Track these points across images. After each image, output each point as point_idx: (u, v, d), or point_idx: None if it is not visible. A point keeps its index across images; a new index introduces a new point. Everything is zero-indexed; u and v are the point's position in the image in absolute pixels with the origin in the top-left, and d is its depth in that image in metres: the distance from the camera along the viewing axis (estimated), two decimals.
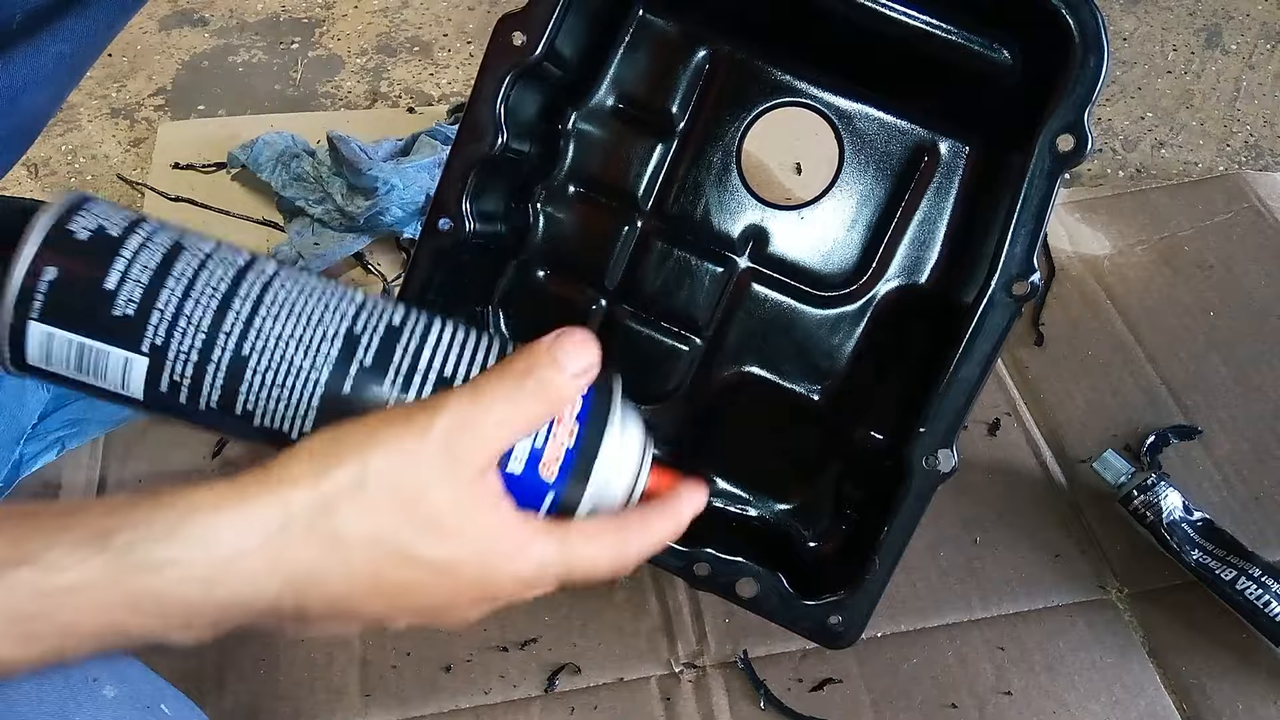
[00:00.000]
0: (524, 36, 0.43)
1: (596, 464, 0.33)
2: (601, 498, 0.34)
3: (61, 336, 0.31)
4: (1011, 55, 0.45)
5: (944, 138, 0.49)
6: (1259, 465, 0.66)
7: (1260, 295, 0.75)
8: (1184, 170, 0.90)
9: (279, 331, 0.31)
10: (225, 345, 0.31)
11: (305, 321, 0.31)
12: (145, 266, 0.31)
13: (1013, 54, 0.45)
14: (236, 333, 0.31)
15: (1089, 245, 0.79)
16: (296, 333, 0.31)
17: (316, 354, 0.31)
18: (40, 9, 0.47)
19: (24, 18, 0.46)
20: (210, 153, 0.83)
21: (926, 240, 0.50)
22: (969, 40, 0.45)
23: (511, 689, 0.57)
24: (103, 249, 0.31)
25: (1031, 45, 0.44)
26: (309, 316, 0.32)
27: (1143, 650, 0.59)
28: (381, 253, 0.77)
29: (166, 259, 0.31)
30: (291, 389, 0.31)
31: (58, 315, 0.30)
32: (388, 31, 1.00)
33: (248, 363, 0.31)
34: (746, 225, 0.52)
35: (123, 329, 0.31)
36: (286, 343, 0.31)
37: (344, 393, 0.31)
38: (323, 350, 0.31)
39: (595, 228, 0.52)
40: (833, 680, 0.57)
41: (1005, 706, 0.57)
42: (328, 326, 0.32)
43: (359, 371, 0.32)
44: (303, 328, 0.31)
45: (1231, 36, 1.02)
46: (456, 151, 0.45)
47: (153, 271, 0.31)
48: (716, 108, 0.51)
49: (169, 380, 0.31)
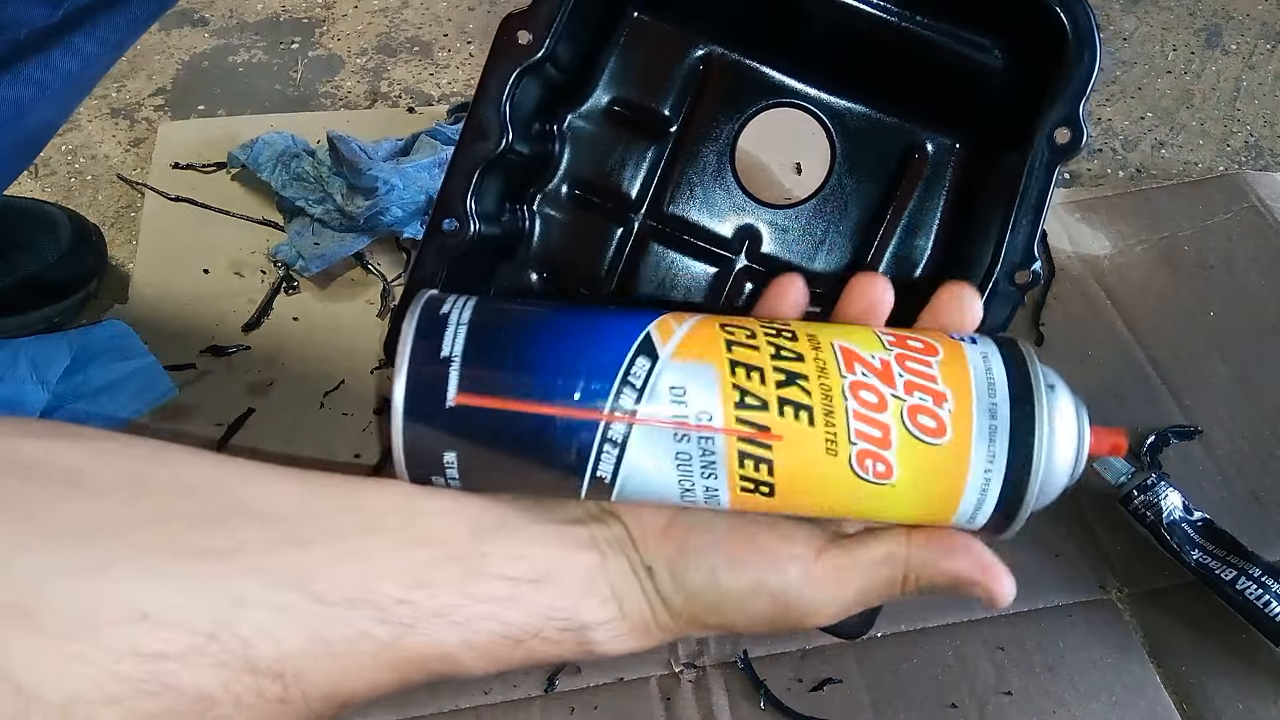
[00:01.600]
0: (529, 35, 0.43)
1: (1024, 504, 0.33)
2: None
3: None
4: (1001, 54, 0.45)
5: (933, 135, 0.50)
6: (1259, 465, 0.66)
7: (1260, 295, 0.75)
8: (1184, 170, 0.90)
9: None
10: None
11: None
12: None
13: (1002, 52, 0.45)
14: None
15: (1089, 245, 0.79)
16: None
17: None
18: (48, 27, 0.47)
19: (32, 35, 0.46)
20: (210, 152, 0.83)
21: (918, 235, 0.51)
22: (958, 40, 0.46)
23: (512, 689, 0.57)
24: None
25: (1022, 43, 0.44)
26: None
27: (1143, 650, 0.59)
28: (381, 253, 0.77)
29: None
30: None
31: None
32: (388, 31, 1.00)
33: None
34: (742, 225, 0.52)
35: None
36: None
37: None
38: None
39: (591, 229, 0.52)
40: (832, 680, 0.57)
41: (1005, 706, 0.57)
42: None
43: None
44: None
45: (1231, 36, 1.02)
46: (462, 151, 0.45)
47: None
48: (710, 108, 0.51)
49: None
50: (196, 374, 0.70)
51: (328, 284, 0.76)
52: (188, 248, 0.77)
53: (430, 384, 0.33)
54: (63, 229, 0.73)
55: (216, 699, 0.27)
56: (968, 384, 0.33)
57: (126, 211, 0.83)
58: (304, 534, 0.30)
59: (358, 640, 0.30)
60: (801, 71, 0.50)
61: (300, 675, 0.29)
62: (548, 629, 0.33)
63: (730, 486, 0.33)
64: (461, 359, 0.33)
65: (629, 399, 0.32)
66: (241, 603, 0.28)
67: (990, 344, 0.35)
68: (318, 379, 0.70)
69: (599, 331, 0.34)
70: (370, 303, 0.75)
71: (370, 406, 0.69)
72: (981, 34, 0.45)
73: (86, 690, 0.25)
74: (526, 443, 0.33)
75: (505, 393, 0.32)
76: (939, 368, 0.33)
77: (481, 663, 0.33)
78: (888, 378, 0.33)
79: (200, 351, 0.71)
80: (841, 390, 0.32)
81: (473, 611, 0.32)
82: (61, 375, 0.65)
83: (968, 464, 0.32)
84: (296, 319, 0.74)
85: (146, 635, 0.26)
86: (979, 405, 0.32)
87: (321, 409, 0.69)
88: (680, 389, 0.32)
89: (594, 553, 0.35)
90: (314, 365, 0.71)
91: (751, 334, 0.34)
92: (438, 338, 0.33)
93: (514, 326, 0.34)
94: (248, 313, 0.74)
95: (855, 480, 0.32)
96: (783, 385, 0.32)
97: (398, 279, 0.76)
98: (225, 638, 0.28)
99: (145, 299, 0.74)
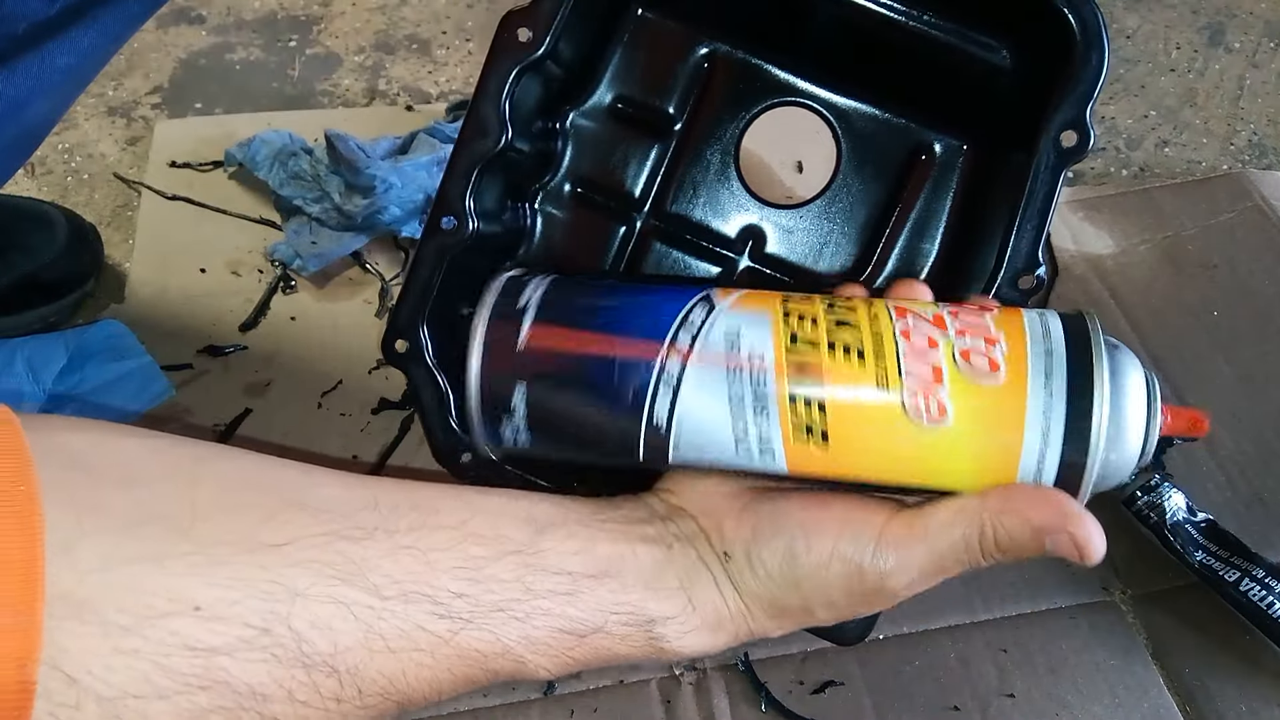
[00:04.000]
0: (530, 33, 0.43)
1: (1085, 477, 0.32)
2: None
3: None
4: (1009, 54, 0.45)
5: (940, 136, 0.49)
6: (1263, 466, 0.66)
7: (1264, 294, 0.75)
8: (1187, 169, 0.89)
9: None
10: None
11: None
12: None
13: (1010, 52, 0.45)
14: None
15: (1092, 244, 0.79)
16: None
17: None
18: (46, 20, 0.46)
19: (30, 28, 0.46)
20: (207, 151, 0.83)
21: (923, 237, 0.50)
22: (965, 40, 0.45)
23: (510, 691, 0.56)
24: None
25: (1030, 44, 0.44)
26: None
27: (1146, 652, 0.59)
28: (380, 252, 0.77)
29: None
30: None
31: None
32: (386, 29, 1.00)
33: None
34: (745, 225, 0.52)
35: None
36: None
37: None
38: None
39: (593, 228, 0.52)
40: (834, 683, 0.57)
41: (1008, 708, 0.56)
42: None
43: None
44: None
45: (1234, 35, 1.02)
46: (461, 149, 0.44)
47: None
48: (715, 107, 0.51)
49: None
50: (193, 374, 0.69)
51: (325, 283, 0.75)
52: (185, 247, 0.77)
53: (505, 331, 0.36)
54: (59, 228, 0.73)
55: (269, 694, 0.27)
56: (1021, 329, 0.33)
57: (123, 210, 0.82)
58: (360, 528, 0.30)
59: (414, 635, 0.30)
60: (807, 70, 0.50)
61: (355, 671, 0.29)
62: (611, 624, 0.33)
63: (783, 432, 0.33)
64: (537, 308, 0.36)
65: (685, 338, 0.34)
66: (295, 596, 0.28)
67: (1048, 311, 0.35)
68: (315, 379, 0.70)
69: (663, 292, 0.36)
70: (368, 302, 0.75)
71: (368, 406, 0.68)
72: (989, 34, 0.45)
73: (137, 684, 0.25)
74: (587, 383, 0.34)
75: (571, 335, 0.35)
76: (991, 320, 0.33)
77: (545, 660, 0.33)
78: (939, 324, 0.33)
79: (197, 351, 0.70)
80: (892, 333, 0.33)
81: (532, 606, 0.32)
82: (58, 375, 0.64)
83: (1024, 404, 0.31)
84: (294, 318, 0.73)
85: (198, 628, 0.26)
86: (1034, 348, 0.32)
87: (319, 409, 0.68)
88: (735, 332, 0.34)
89: (659, 546, 0.34)
90: (311, 365, 0.70)
91: (808, 297, 0.35)
92: (515, 295, 0.37)
93: (584, 286, 0.37)
94: (245, 312, 0.73)
95: (909, 424, 0.32)
96: (834, 330, 0.33)
97: (396, 278, 0.75)
98: (278, 631, 0.27)
99: (142, 298, 0.74)
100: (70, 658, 0.24)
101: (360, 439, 0.67)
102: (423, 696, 0.31)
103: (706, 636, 0.34)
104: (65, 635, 0.24)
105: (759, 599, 0.34)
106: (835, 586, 0.33)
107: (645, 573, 0.33)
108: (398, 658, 0.30)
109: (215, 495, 0.29)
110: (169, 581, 0.26)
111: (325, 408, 0.68)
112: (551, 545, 0.33)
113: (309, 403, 0.68)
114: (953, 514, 0.33)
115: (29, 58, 0.47)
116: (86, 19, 0.48)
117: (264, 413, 0.68)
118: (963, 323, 0.33)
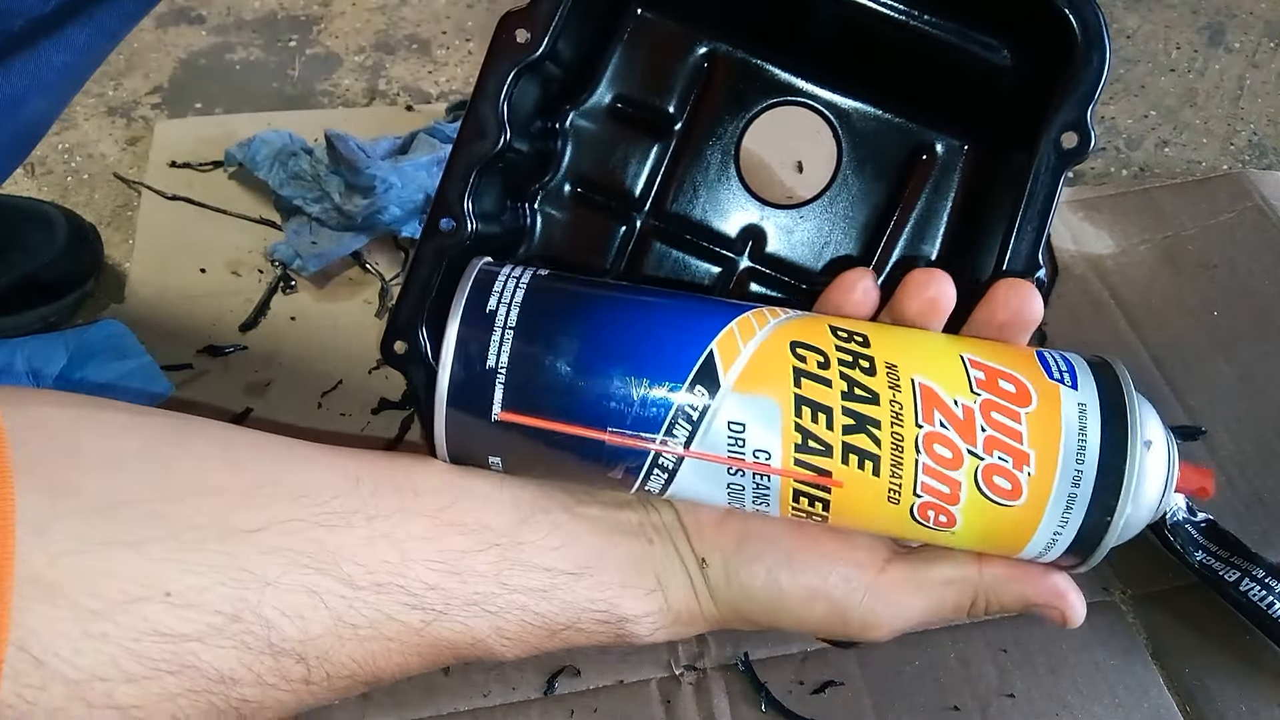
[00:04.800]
0: (528, 33, 0.43)
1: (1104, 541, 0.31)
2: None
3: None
4: (1010, 54, 0.45)
5: (941, 136, 0.49)
6: (1263, 466, 0.66)
7: (1264, 295, 0.75)
8: (1187, 169, 0.89)
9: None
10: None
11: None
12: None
13: (1011, 52, 0.45)
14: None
15: (1092, 244, 0.79)
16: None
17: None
18: (43, 17, 0.46)
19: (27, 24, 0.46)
20: (207, 151, 0.83)
21: (924, 238, 0.50)
22: (966, 40, 0.45)
23: (510, 691, 0.56)
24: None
25: (1031, 44, 0.44)
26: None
27: (1146, 652, 0.59)
28: (379, 252, 0.77)
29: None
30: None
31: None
32: (386, 29, 1.00)
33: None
34: (746, 225, 0.52)
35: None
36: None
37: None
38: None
39: (593, 228, 0.52)
40: (834, 683, 0.57)
41: (1008, 709, 0.56)
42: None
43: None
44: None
45: (1234, 35, 1.02)
46: (459, 150, 0.44)
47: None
48: (715, 107, 0.51)
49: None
50: (193, 374, 0.69)
51: (325, 283, 0.75)
52: (185, 247, 0.77)
53: (474, 395, 0.31)
54: (59, 228, 0.73)
55: (238, 678, 0.27)
56: (1055, 447, 0.30)
57: (123, 210, 0.82)
58: (337, 513, 0.30)
59: (385, 625, 0.30)
60: (807, 70, 0.50)
61: (324, 657, 0.29)
62: (584, 620, 0.33)
63: (782, 512, 0.32)
64: (507, 371, 0.31)
65: (682, 432, 0.31)
66: (266, 584, 0.28)
67: (1091, 387, 0.31)
68: (315, 379, 0.70)
69: (654, 343, 0.31)
70: (368, 302, 0.75)
71: (368, 406, 0.68)
72: (990, 34, 0.45)
73: (105, 667, 0.25)
74: (573, 457, 0.32)
75: (552, 414, 0.31)
76: (1027, 422, 0.30)
77: (514, 648, 0.33)
78: (968, 431, 0.30)
79: (197, 351, 0.71)
80: (915, 442, 0.30)
81: (507, 601, 0.32)
82: (58, 375, 0.64)
83: (1036, 528, 0.30)
84: (294, 318, 0.73)
85: (168, 614, 0.26)
86: (1063, 472, 0.30)
87: (319, 409, 0.68)
88: (740, 424, 0.30)
89: (640, 540, 0.34)
90: (311, 365, 0.70)
91: (824, 361, 0.31)
92: (484, 339, 0.31)
93: (563, 333, 0.31)
94: (245, 312, 0.73)
95: (913, 525, 0.31)
96: (850, 431, 0.30)
97: (396, 278, 0.75)
98: (247, 619, 0.27)
99: (142, 298, 0.74)
100: (38, 640, 0.24)
101: (360, 439, 0.67)
102: (391, 677, 0.31)
103: (677, 630, 0.35)
104: (34, 617, 0.24)
105: (733, 608, 0.34)
106: (814, 622, 0.34)
107: (623, 569, 0.33)
108: (368, 645, 0.30)
109: (192, 475, 0.29)
110: (142, 566, 0.26)
111: (325, 408, 0.68)
112: (533, 538, 0.33)
113: (309, 403, 0.68)
114: (949, 573, 0.33)
115: (25, 55, 0.46)
116: (83, 16, 0.48)
117: (264, 413, 0.68)
118: (994, 429, 0.30)
